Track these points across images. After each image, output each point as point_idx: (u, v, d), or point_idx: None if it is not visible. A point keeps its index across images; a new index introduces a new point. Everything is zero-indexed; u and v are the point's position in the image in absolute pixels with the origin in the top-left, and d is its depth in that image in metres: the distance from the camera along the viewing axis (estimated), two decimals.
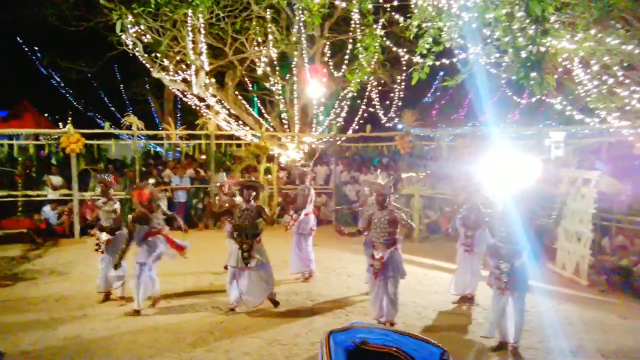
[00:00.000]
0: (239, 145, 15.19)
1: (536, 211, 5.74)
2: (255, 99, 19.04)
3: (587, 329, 6.20)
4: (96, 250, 7.24)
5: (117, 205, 7.39)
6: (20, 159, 13.01)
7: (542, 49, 5.42)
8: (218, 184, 9.64)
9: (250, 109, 16.69)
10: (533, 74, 5.43)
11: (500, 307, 5.50)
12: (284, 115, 16.04)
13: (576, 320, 6.48)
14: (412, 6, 7.78)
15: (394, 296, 6.07)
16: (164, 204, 12.92)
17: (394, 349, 1.28)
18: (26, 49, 21.00)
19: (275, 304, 6.91)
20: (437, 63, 8.05)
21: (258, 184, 7.10)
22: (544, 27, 5.40)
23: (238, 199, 7.23)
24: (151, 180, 10.66)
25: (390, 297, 6.06)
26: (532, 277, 5.78)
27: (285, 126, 16.22)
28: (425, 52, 7.56)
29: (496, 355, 5.48)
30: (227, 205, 7.48)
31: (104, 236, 7.15)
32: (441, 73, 15.73)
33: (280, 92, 15.82)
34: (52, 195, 12.14)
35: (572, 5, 6.93)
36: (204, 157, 14.68)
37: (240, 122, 15.43)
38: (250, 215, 6.58)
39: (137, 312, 6.64)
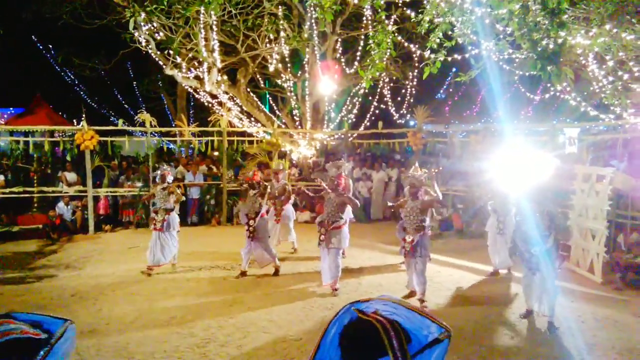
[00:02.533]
0: (251, 142, 15.25)
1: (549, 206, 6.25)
2: (267, 95, 19.09)
3: (601, 326, 6.15)
4: (155, 229, 8.29)
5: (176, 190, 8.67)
6: (35, 155, 13.19)
7: (559, 40, 5.36)
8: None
9: (262, 106, 16.73)
10: (550, 67, 5.36)
11: (530, 284, 6.24)
12: (295, 112, 16.08)
13: (590, 317, 6.44)
14: (425, 2, 7.74)
15: (422, 273, 6.80)
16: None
17: (390, 321, 1.34)
18: (41, 46, 21.22)
19: (333, 290, 7.40)
20: (449, 59, 8.01)
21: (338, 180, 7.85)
22: (560, 19, 5.33)
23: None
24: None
25: (418, 274, 6.81)
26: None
27: (297, 123, 16.26)
28: (435, 47, 7.53)
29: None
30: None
31: (159, 216, 8.31)
32: (454, 69, 15.70)
33: (292, 88, 15.84)
34: (66, 191, 12.29)
35: (586, 0, 6.85)
36: (216, 153, 14.76)
37: (252, 118, 15.48)
38: (331, 204, 7.42)
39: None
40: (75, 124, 13.72)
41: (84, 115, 12.29)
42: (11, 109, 23.11)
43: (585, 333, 5.91)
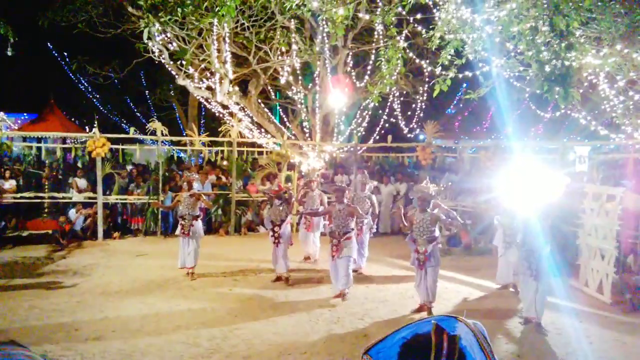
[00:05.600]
0: (260, 153, 15.32)
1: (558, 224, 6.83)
2: (278, 107, 19.19)
3: (609, 348, 6.08)
4: (183, 234, 8.62)
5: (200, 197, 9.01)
6: (47, 161, 13.33)
7: (567, 63, 5.38)
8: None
9: (273, 117, 16.81)
10: (557, 88, 5.38)
11: (530, 289, 6.60)
12: (305, 124, 16.13)
13: (598, 339, 6.36)
14: (436, 18, 7.79)
15: (433, 283, 7.00)
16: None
17: (454, 352, 1.41)
18: (56, 53, 21.52)
19: (342, 297, 7.58)
20: (460, 75, 8.04)
21: (344, 188, 8.13)
22: (568, 41, 5.35)
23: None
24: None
25: (428, 284, 6.96)
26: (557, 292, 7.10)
27: (307, 135, 16.30)
28: (447, 63, 7.56)
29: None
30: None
31: (186, 222, 8.60)
32: (464, 85, 15.73)
33: (303, 101, 15.92)
34: (77, 197, 12.39)
35: (597, 20, 6.86)
36: (225, 163, 14.83)
37: (262, 129, 15.57)
38: (341, 216, 7.54)
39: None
40: (87, 131, 13.86)
41: (96, 123, 12.43)
42: (25, 114, 23.43)
43: (593, 354, 5.84)
